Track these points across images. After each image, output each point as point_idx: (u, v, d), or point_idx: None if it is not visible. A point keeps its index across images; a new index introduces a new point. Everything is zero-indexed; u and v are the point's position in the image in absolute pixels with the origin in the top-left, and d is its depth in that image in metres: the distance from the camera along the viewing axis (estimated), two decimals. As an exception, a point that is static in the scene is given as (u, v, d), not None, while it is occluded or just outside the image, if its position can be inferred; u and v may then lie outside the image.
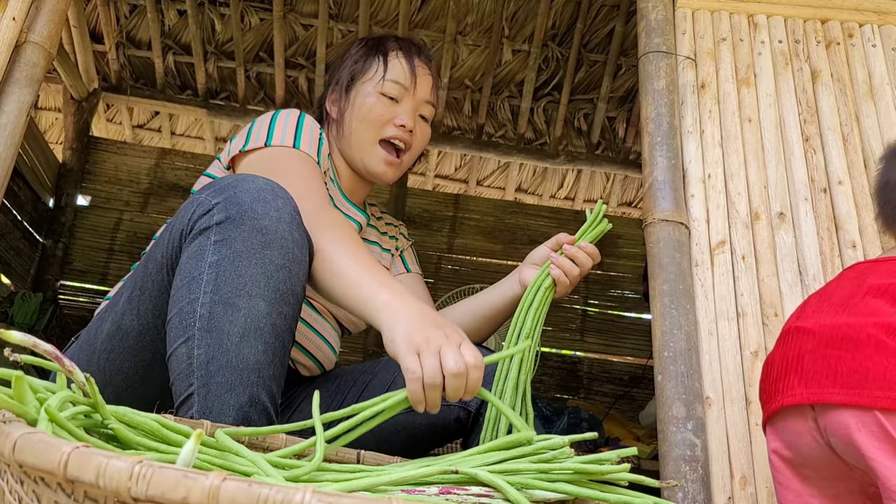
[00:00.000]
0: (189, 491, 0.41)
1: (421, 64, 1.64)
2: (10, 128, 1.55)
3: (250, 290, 1.07)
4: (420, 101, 1.63)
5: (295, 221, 1.13)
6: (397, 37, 1.70)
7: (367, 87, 1.60)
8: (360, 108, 1.59)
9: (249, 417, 1.03)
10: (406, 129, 1.59)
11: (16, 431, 0.46)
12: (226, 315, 1.05)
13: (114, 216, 3.91)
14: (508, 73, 3.83)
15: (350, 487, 0.69)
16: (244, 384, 1.04)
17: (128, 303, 1.23)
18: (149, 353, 1.21)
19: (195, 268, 1.09)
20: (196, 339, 1.05)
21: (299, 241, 1.13)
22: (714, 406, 1.38)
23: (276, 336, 1.09)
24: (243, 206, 1.10)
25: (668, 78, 1.68)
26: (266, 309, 1.07)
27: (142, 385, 1.24)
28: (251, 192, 1.11)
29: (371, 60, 1.63)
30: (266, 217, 1.10)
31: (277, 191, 1.14)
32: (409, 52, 1.64)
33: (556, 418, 3.03)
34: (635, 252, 4.06)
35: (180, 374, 1.06)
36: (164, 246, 1.17)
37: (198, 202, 1.13)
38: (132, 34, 3.81)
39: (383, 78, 1.59)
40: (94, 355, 1.26)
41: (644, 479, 0.93)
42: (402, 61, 1.62)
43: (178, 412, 1.06)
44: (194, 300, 1.07)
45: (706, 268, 1.51)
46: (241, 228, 1.08)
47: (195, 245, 1.10)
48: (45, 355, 0.54)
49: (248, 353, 1.05)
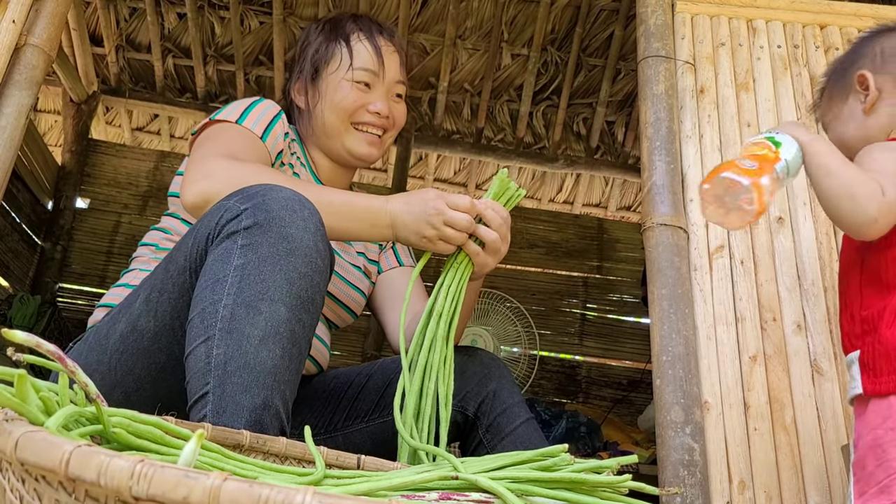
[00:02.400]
0: (190, 490, 0.42)
1: (385, 42, 1.63)
2: (10, 130, 1.55)
3: (273, 294, 1.08)
4: (391, 82, 1.62)
5: (320, 233, 1.15)
6: (354, 15, 1.68)
7: (335, 77, 1.59)
8: (331, 98, 1.58)
9: (262, 420, 1.04)
10: (381, 116, 1.59)
11: (17, 430, 0.46)
12: (247, 317, 1.06)
13: (113, 219, 3.91)
14: (508, 77, 3.84)
15: (350, 491, 0.69)
16: (259, 387, 1.04)
17: (145, 304, 1.23)
18: (163, 355, 1.22)
19: (220, 270, 1.10)
20: (216, 338, 1.06)
21: (322, 252, 1.15)
22: (712, 411, 1.38)
23: (293, 342, 1.10)
24: (271, 213, 1.11)
25: (668, 82, 1.69)
26: (287, 315, 1.09)
27: (152, 387, 1.24)
28: (279, 201, 1.13)
29: (333, 47, 1.62)
30: (293, 225, 1.11)
31: (304, 202, 1.15)
32: (371, 32, 1.63)
33: (554, 422, 3.03)
34: (634, 256, 4.06)
35: (197, 372, 1.07)
36: (188, 249, 1.18)
37: (226, 208, 1.15)
38: (132, 37, 3.81)
39: (351, 66, 1.58)
40: (106, 355, 1.26)
41: (644, 486, 0.93)
42: (366, 45, 1.60)
43: (192, 411, 1.06)
44: (217, 301, 1.08)
45: (705, 272, 1.51)
46: (268, 235, 1.10)
47: (222, 248, 1.12)
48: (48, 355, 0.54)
49: (266, 357, 1.06)
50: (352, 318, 1.66)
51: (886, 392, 1.00)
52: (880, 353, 1.03)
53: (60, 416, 0.54)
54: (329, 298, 1.58)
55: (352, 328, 3.60)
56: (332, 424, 1.52)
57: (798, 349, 1.44)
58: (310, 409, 1.54)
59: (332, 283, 1.57)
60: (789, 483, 1.32)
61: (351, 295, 1.61)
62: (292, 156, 1.59)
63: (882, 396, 1.01)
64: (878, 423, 1.00)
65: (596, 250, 4.10)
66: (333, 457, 1.03)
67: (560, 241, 4.10)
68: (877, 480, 0.98)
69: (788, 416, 1.38)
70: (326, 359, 1.62)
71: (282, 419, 1.07)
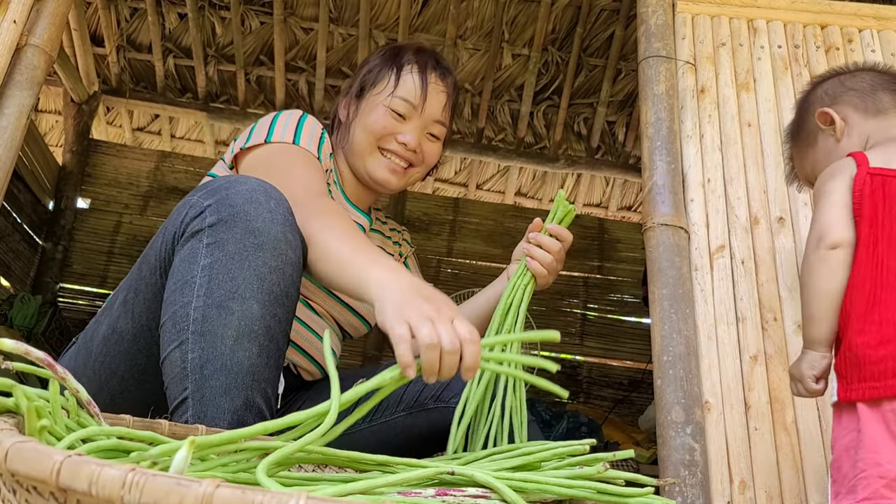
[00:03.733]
0: (182, 498, 0.41)
1: (436, 80, 1.61)
2: (11, 130, 1.55)
3: (243, 292, 1.06)
4: (429, 120, 1.60)
5: (288, 223, 1.13)
6: (419, 48, 1.66)
7: (376, 100, 1.58)
8: (365, 119, 1.57)
9: (244, 420, 1.03)
10: (408, 148, 1.57)
11: (8, 440, 0.46)
12: (219, 318, 1.05)
13: (113, 219, 3.91)
14: (508, 77, 3.83)
15: (345, 491, 0.68)
16: (239, 387, 1.03)
17: (122, 306, 1.22)
18: (144, 356, 1.21)
19: (188, 271, 1.08)
20: (190, 342, 1.05)
21: (292, 243, 1.13)
22: (713, 410, 1.38)
23: (270, 338, 1.08)
24: (235, 207, 1.09)
25: (668, 82, 1.68)
26: (260, 311, 1.07)
27: (137, 388, 1.23)
28: (243, 194, 1.10)
29: (385, 72, 1.60)
30: (258, 218, 1.09)
31: (270, 192, 1.13)
32: (425, 67, 1.60)
33: (555, 422, 3.02)
34: (635, 256, 4.06)
35: (174, 378, 1.06)
36: (158, 249, 1.17)
37: (189, 204, 1.13)
38: (132, 37, 3.81)
39: (392, 93, 1.56)
40: (91, 359, 1.26)
41: (641, 477, 0.93)
42: (414, 77, 1.58)
43: (173, 417, 1.05)
44: (187, 304, 1.06)
45: (705, 272, 1.51)
46: (234, 231, 1.08)
47: (188, 248, 1.10)
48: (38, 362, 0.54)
49: (243, 357, 1.04)
50: (365, 327, 1.64)
51: (856, 399, 1.03)
52: (850, 360, 1.05)
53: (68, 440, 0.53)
54: (342, 307, 1.57)
55: (353, 328, 3.60)
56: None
57: (799, 349, 1.43)
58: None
59: None
60: (790, 483, 1.32)
61: (364, 304, 1.61)
62: (328, 173, 1.58)
63: (853, 403, 1.04)
64: (852, 427, 1.03)
65: (597, 250, 4.10)
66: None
67: (561, 241, 4.09)
68: (848, 480, 1.02)
69: (789, 416, 1.37)
70: None
71: (266, 417, 1.06)
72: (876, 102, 1.25)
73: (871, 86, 1.27)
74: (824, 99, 1.30)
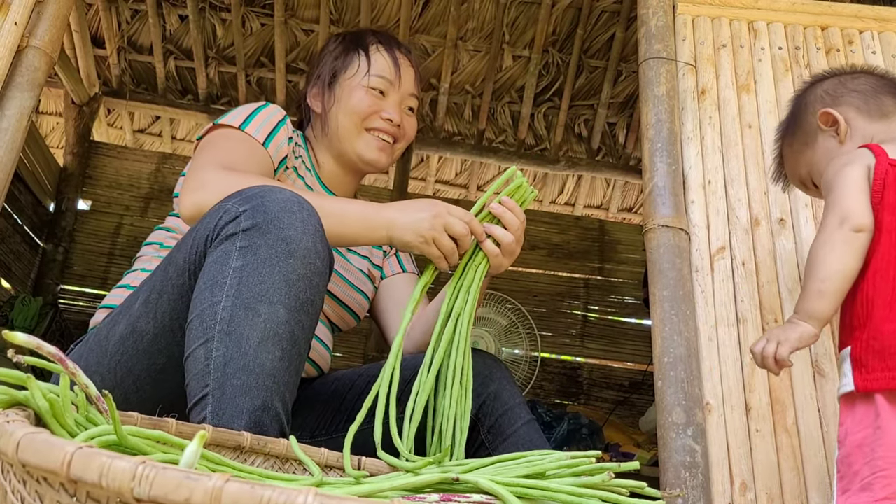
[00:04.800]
0: (192, 492, 0.42)
1: (402, 56, 1.68)
2: (11, 132, 1.55)
3: (272, 296, 1.08)
4: (405, 94, 1.66)
5: (318, 234, 1.15)
6: (374, 30, 1.73)
7: (352, 83, 1.63)
8: (346, 102, 1.61)
9: (262, 422, 1.04)
10: (393, 123, 1.62)
11: (19, 431, 0.46)
12: (246, 319, 1.06)
13: (114, 220, 3.91)
14: (509, 78, 3.84)
15: (352, 492, 0.69)
16: (259, 389, 1.04)
17: (144, 306, 1.23)
18: (163, 356, 1.22)
19: (219, 272, 1.10)
20: (215, 340, 1.06)
21: (321, 253, 1.15)
22: (714, 412, 1.38)
23: (293, 344, 1.10)
24: (270, 214, 1.11)
25: (669, 84, 1.69)
26: (286, 316, 1.09)
27: (152, 388, 1.24)
28: (278, 203, 1.13)
29: (352, 56, 1.66)
30: (291, 227, 1.11)
31: (303, 203, 1.15)
32: (390, 45, 1.68)
33: (555, 424, 3.03)
34: (635, 258, 4.06)
35: (196, 374, 1.07)
36: (187, 251, 1.18)
37: (224, 209, 1.15)
38: (133, 39, 3.82)
39: (368, 72, 1.62)
40: (106, 357, 1.26)
41: (645, 486, 0.93)
42: (384, 55, 1.65)
43: (192, 413, 1.06)
44: (216, 303, 1.08)
45: (706, 274, 1.51)
46: (267, 236, 1.10)
47: (220, 250, 1.12)
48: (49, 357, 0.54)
49: (265, 359, 1.06)
50: (354, 320, 1.66)
51: (876, 389, 1.01)
52: (874, 348, 1.03)
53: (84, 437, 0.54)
54: (331, 299, 1.58)
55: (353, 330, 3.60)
56: (333, 426, 1.52)
57: (799, 350, 1.43)
58: (312, 411, 1.54)
59: (336, 284, 1.57)
60: (791, 485, 1.32)
61: (353, 297, 1.62)
62: (297, 159, 1.60)
63: (871, 393, 1.01)
64: (869, 422, 1.01)
65: (597, 252, 4.10)
66: (334, 458, 1.03)
67: (561, 243, 4.10)
68: (861, 477, 0.99)
69: (790, 417, 1.38)
70: (328, 361, 1.62)
71: (281, 421, 1.07)
72: (880, 106, 1.24)
73: (874, 88, 1.26)
74: (825, 99, 1.28)
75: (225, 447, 0.93)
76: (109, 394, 0.59)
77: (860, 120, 1.24)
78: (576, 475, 0.93)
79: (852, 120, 1.24)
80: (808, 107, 1.31)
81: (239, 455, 0.95)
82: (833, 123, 1.25)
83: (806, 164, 1.30)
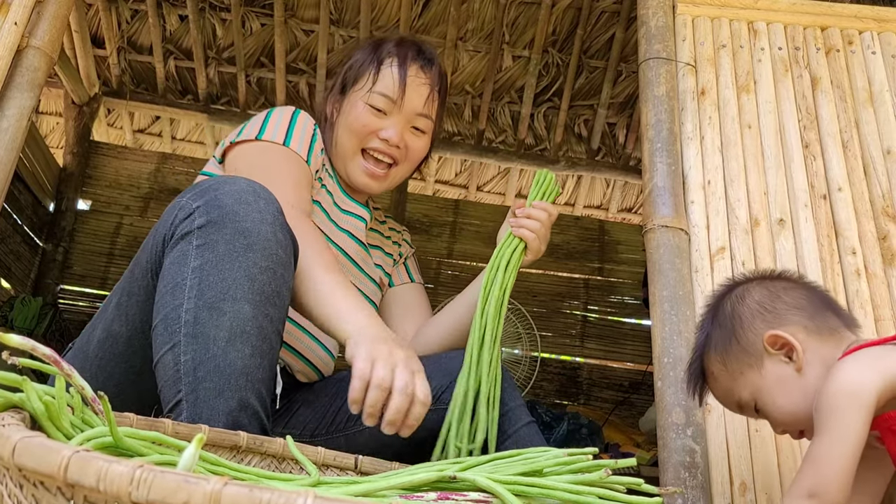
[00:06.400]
0: (190, 495, 0.41)
1: (417, 72, 1.57)
2: (11, 132, 1.55)
3: (234, 293, 1.06)
4: (411, 114, 1.56)
5: (278, 222, 1.13)
6: (400, 40, 1.63)
7: (356, 96, 1.57)
8: (347, 117, 1.56)
9: (240, 422, 1.03)
10: (390, 144, 1.54)
11: (15, 435, 0.46)
12: (211, 320, 1.04)
13: (114, 220, 3.91)
14: (509, 78, 3.84)
15: (349, 492, 0.69)
16: (233, 389, 1.03)
17: (116, 308, 1.22)
18: (139, 358, 1.20)
19: (178, 273, 1.08)
20: (182, 345, 1.04)
21: (283, 242, 1.13)
22: (714, 412, 1.38)
23: (262, 339, 1.08)
24: (225, 208, 1.09)
25: (669, 84, 1.69)
26: (251, 312, 1.07)
27: (134, 390, 1.23)
28: (233, 195, 1.10)
29: (365, 67, 1.58)
30: (248, 219, 1.09)
31: (259, 192, 1.13)
32: (405, 59, 1.57)
33: (555, 424, 3.02)
34: (635, 258, 4.06)
35: (168, 381, 1.05)
36: (149, 251, 1.17)
37: (179, 206, 1.13)
38: (133, 39, 3.81)
39: (371, 89, 1.55)
40: (87, 361, 1.25)
41: (646, 486, 0.93)
42: (394, 71, 1.55)
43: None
44: (178, 306, 1.06)
45: (706, 274, 1.51)
46: (223, 232, 1.08)
47: (178, 250, 1.10)
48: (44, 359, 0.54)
49: (235, 358, 1.04)
50: None
51: None
52: None
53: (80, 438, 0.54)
54: None
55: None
56: (334, 426, 1.51)
57: (799, 351, 1.43)
58: (313, 411, 1.54)
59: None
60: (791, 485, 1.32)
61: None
62: (323, 168, 1.58)
63: None
64: None
65: (597, 252, 4.10)
66: (331, 457, 1.03)
67: (561, 243, 4.10)
68: None
69: (790, 418, 1.37)
70: (330, 367, 1.60)
71: (261, 418, 1.06)
72: (826, 322, 1.09)
73: (812, 303, 1.11)
74: (765, 316, 1.11)
75: (221, 447, 0.93)
76: (105, 395, 0.59)
77: (812, 341, 1.08)
78: (573, 472, 0.93)
79: (804, 342, 1.08)
80: (743, 323, 1.12)
81: (235, 455, 0.95)
82: (783, 347, 1.08)
83: (750, 389, 1.11)
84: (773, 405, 1.09)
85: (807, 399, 1.05)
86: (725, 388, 1.14)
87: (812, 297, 1.12)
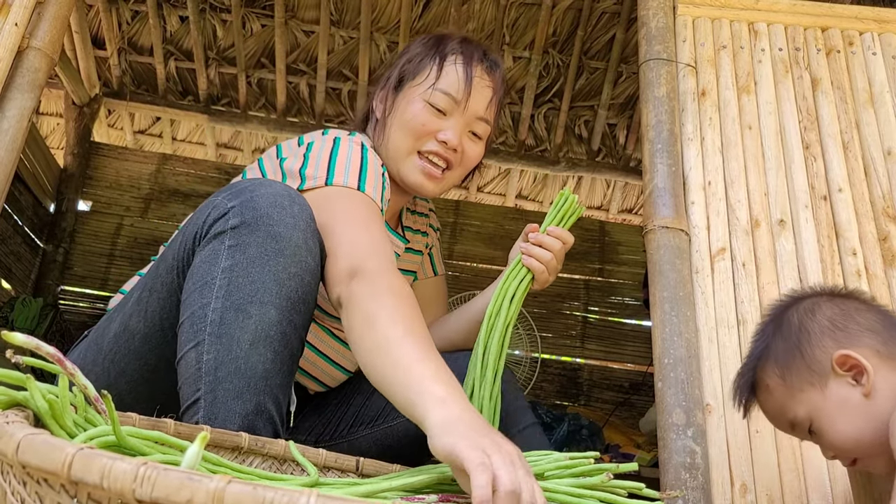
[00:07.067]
0: (194, 493, 0.42)
1: (482, 74, 1.49)
2: (12, 133, 1.55)
3: (262, 297, 1.06)
4: (472, 117, 1.49)
5: (310, 229, 1.12)
6: (464, 38, 1.53)
7: (414, 92, 1.46)
8: (402, 114, 1.46)
9: (255, 425, 1.03)
10: (448, 147, 1.46)
11: (19, 432, 0.46)
12: (237, 321, 1.05)
13: (114, 221, 3.91)
14: (509, 79, 3.84)
15: (350, 492, 0.69)
16: (251, 392, 1.03)
17: (136, 304, 1.22)
18: (154, 356, 1.20)
19: (208, 272, 1.08)
20: (206, 344, 1.05)
21: (312, 250, 1.12)
22: (714, 413, 1.38)
23: (285, 345, 1.08)
24: (259, 210, 1.09)
25: (669, 85, 1.69)
26: (277, 317, 1.07)
27: (146, 388, 1.23)
28: (268, 198, 1.10)
29: (426, 62, 1.48)
30: (281, 224, 1.09)
31: (294, 197, 1.13)
32: (471, 59, 1.48)
33: (556, 425, 3.02)
34: (636, 259, 4.06)
35: (188, 378, 1.05)
36: (177, 248, 1.17)
37: (213, 205, 1.13)
38: (134, 40, 3.82)
39: (433, 86, 1.45)
40: (101, 356, 1.25)
41: (643, 487, 0.93)
42: (458, 69, 1.46)
43: (184, 417, 1.05)
44: (206, 305, 1.07)
45: (706, 275, 1.51)
46: (256, 234, 1.08)
47: (209, 249, 1.10)
48: (48, 357, 0.54)
49: (257, 361, 1.04)
50: None
51: None
52: None
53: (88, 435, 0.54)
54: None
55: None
56: (337, 431, 1.51)
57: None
58: (318, 415, 1.54)
59: None
60: (791, 486, 1.32)
61: None
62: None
63: None
64: None
65: (597, 253, 4.10)
66: (332, 459, 1.03)
67: (561, 244, 4.09)
68: None
69: (790, 418, 1.37)
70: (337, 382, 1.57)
71: (275, 423, 1.06)
72: None
73: (885, 327, 1.05)
74: (836, 334, 1.05)
75: (223, 448, 0.93)
76: (108, 394, 0.59)
77: (884, 367, 1.01)
78: (574, 476, 0.93)
79: (876, 367, 1.01)
80: (811, 338, 1.06)
81: (237, 456, 0.95)
82: (852, 368, 1.02)
83: (807, 408, 1.05)
84: (832, 428, 1.02)
85: (871, 426, 1.00)
86: (779, 404, 1.08)
87: (885, 322, 1.06)
